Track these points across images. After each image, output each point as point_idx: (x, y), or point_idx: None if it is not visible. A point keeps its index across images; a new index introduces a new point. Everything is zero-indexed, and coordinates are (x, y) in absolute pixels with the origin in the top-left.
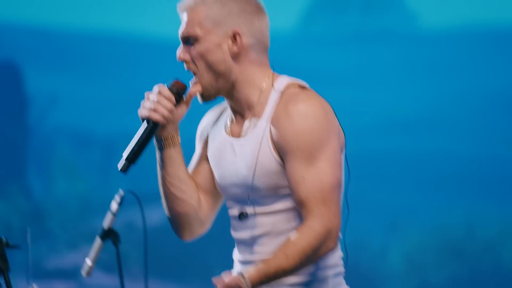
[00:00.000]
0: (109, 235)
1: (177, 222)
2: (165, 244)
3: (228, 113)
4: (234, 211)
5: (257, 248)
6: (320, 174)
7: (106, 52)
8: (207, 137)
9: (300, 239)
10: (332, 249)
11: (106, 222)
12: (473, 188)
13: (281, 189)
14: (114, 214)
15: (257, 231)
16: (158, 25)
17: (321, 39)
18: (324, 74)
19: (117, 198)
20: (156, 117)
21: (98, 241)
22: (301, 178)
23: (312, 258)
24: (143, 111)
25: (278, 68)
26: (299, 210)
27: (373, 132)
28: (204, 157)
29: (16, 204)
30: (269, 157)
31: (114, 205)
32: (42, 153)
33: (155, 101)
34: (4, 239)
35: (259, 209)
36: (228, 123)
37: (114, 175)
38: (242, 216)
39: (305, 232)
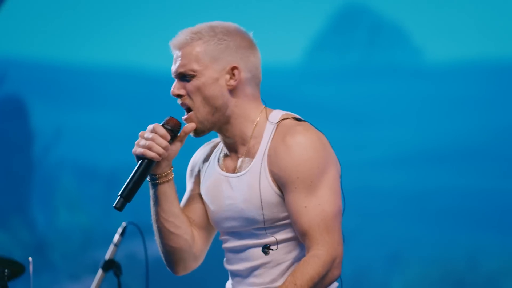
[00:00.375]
0: (111, 266)
1: (171, 257)
2: (166, 275)
3: (220, 149)
4: (229, 244)
5: (254, 279)
6: (322, 203)
7: (110, 86)
8: (199, 173)
9: (308, 268)
10: (337, 277)
11: (108, 253)
12: (475, 221)
13: (280, 220)
14: (116, 245)
15: (254, 263)
16: (163, 59)
17: (325, 74)
18: (328, 109)
19: (119, 229)
20: (151, 154)
21: (100, 272)
22: (302, 208)
23: (319, 287)
24: (138, 150)
25: (283, 102)
26: (302, 240)
27: (377, 165)
28: (195, 193)
29: (19, 236)
30: (269, 190)
31: (116, 237)
32: (46, 186)
33: (149, 138)
34: (6, 271)
35: (258, 241)
36: (221, 158)
37: None
38: (266, 249)
39: (312, 261)
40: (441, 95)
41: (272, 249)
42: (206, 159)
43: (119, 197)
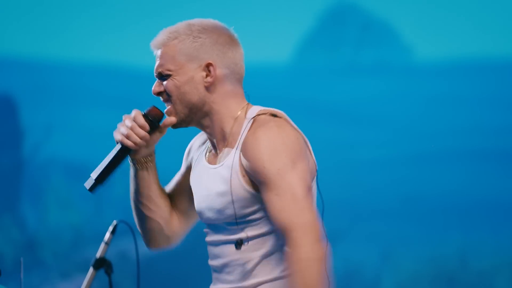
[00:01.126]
0: (102, 264)
1: (143, 234)
2: (157, 273)
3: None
4: (208, 238)
5: (226, 276)
6: (291, 188)
7: (100, 84)
8: (192, 160)
9: (305, 274)
10: (324, 244)
11: (99, 251)
12: (467, 220)
13: (248, 216)
14: (107, 243)
15: (226, 259)
16: (153, 57)
17: (315, 72)
18: (318, 107)
19: (110, 228)
20: (128, 143)
21: (91, 271)
22: (274, 195)
23: (324, 269)
24: (117, 136)
25: (274, 100)
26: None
27: (368, 164)
28: (185, 176)
29: (9, 234)
30: (240, 184)
31: (107, 235)
32: (36, 184)
33: (129, 127)
34: None
35: (229, 236)
36: (208, 150)
37: (108, 206)
38: (238, 243)
39: (298, 263)
40: (432, 93)
41: (242, 244)
42: (200, 147)
43: (91, 179)
